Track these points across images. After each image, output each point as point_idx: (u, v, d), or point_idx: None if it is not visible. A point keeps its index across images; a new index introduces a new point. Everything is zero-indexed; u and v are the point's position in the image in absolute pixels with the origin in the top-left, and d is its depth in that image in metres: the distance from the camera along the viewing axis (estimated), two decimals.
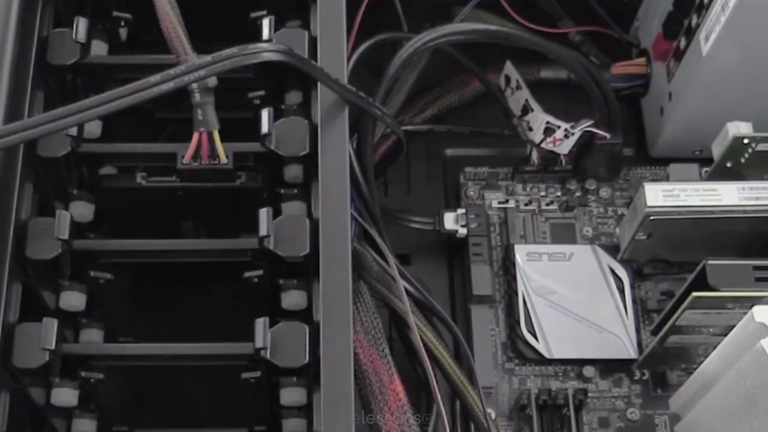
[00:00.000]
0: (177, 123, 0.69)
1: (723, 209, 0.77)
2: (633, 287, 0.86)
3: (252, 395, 0.68)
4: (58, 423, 0.68)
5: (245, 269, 0.67)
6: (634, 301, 0.85)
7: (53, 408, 0.66)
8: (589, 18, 0.93)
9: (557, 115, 0.86)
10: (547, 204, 0.91)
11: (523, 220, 0.90)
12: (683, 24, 0.83)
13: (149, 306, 0.76)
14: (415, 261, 0.89)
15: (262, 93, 0.71)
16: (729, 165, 0.79)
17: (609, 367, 0.84)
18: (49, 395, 0.66)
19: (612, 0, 0.90)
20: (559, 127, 0.85)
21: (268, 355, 0.62)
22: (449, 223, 0.86)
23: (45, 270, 0.66)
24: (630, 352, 0.83)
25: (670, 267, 0.86)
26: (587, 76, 0.84)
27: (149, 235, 0.68)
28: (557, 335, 0.84)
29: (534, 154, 0.89)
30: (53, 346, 0.62)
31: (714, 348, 0.70)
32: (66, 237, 0.65)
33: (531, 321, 0.84)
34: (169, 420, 0.76)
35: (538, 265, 0.86)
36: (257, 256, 0.66)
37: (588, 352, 0.84)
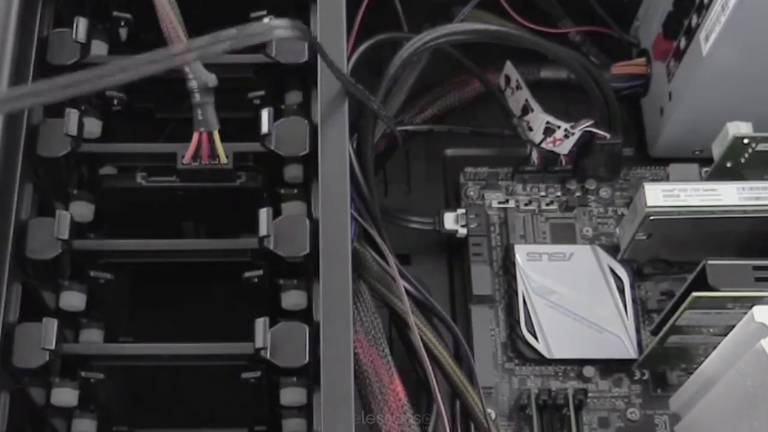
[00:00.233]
0: (177, 123, 0.70)
1: (723, 209, 0.77)
2: (633, 287, 0.86)
3: (252, 395, 0.68)
4: (58, 423, 0.69)
5: (245, 269, 0.68)
6: (634, 301, 0.85)
7: (53, 408, 0.66)
8: (589, 18, 0.93)
9: (557, 115, 0.86)
10: (547, 204, 0.91)
11: (523, 220, 0.90)
12: (683, 24, 0.84)
13: (149, 306, 0.77)
14: (415, 261, 0.89)
15: (262, 93, 0.72)
16: (729, 165, 0.80)
17: (609, 367, 0.85)
18: (49, 395, 0.66)
19: (612, 0, 0.91)
20: (559, 127, 0.85)
21: (268, 355, 0.63)
22: (449, 223, 0.86)
23: (45, 270, 0.66)
24: (630, 352, 0.84)
25: (670, 267, 0.86)
26: (587, 76, 0.84)
27: (149, 235, 0.69)
28: (557, 335, 0.84)
29: (534, 154, 0.88)
30: (53, 346, 0.63)
31: (714, 348, 0.70)
32: (66, 237, 0.65)
33: (531, 321, 0.84)
34: (169, 420, 0.76)
35: (538, 265, 0.86)
36: (257, 256, 0.67)
37: (588, 352, 0.84)
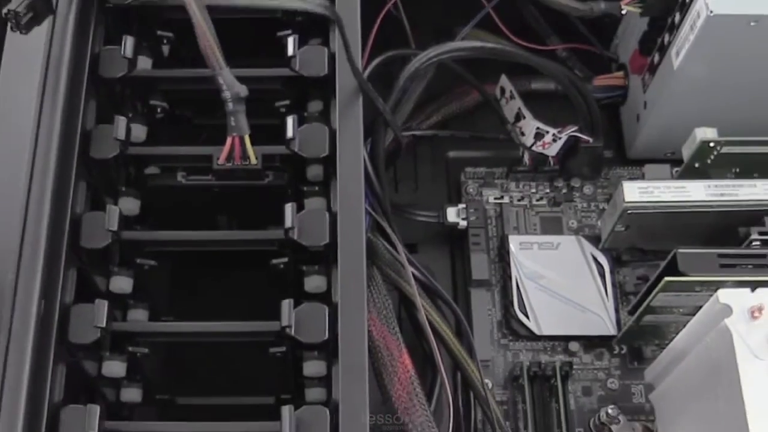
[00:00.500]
0: (212, 129, 0.69)
1: (692, 204, 0.76)
2: (613, 272, 0.85)
3: (278, 368, 0.68)
4: (108, 392, 0.69)
5: (272, 257, 0.67)
6: (613, 285, 0.85)
7: (104, 378, 0.67)
8: (574, 36, 0.92)
9: (546, 122, 0.86)
10: (537, 200, 0.90)
11: (516, 213, 0.89)
12: (657, 41, 0.83)
13: (187, 289, 0.77)
14: (422, 250, 0.88)
15: (287, 102, 0.71)
16: (697, 165, 0.79)
17: (591, 343, 0.84)
18: (101, 367, 0.66)
19: (594, 20, 0.88)
20: (548, 132, 0.86)
21: (292, 332, 0.62)
22: (451, 217, 0.86)
23: (97, 258, 0.66)
24: (610, 329, 0.83)
25: (645, 255, 0.85)
26: (572, 87, 0.84)
27: (188, 227, 0.68)
28: (546, 314, 0.84)
29: (526, 155, 0.88)
30: (104, 324, 0.63)
31: (684, 326, 0.70)
32: (115, 228, 0.65)
33: (523, 302, 0.84)
34: (205, 389, 0.76)
35: (529, 253, 0.86)
36: (283, 245, 0.66)
37: (573, 329, 0.83)
